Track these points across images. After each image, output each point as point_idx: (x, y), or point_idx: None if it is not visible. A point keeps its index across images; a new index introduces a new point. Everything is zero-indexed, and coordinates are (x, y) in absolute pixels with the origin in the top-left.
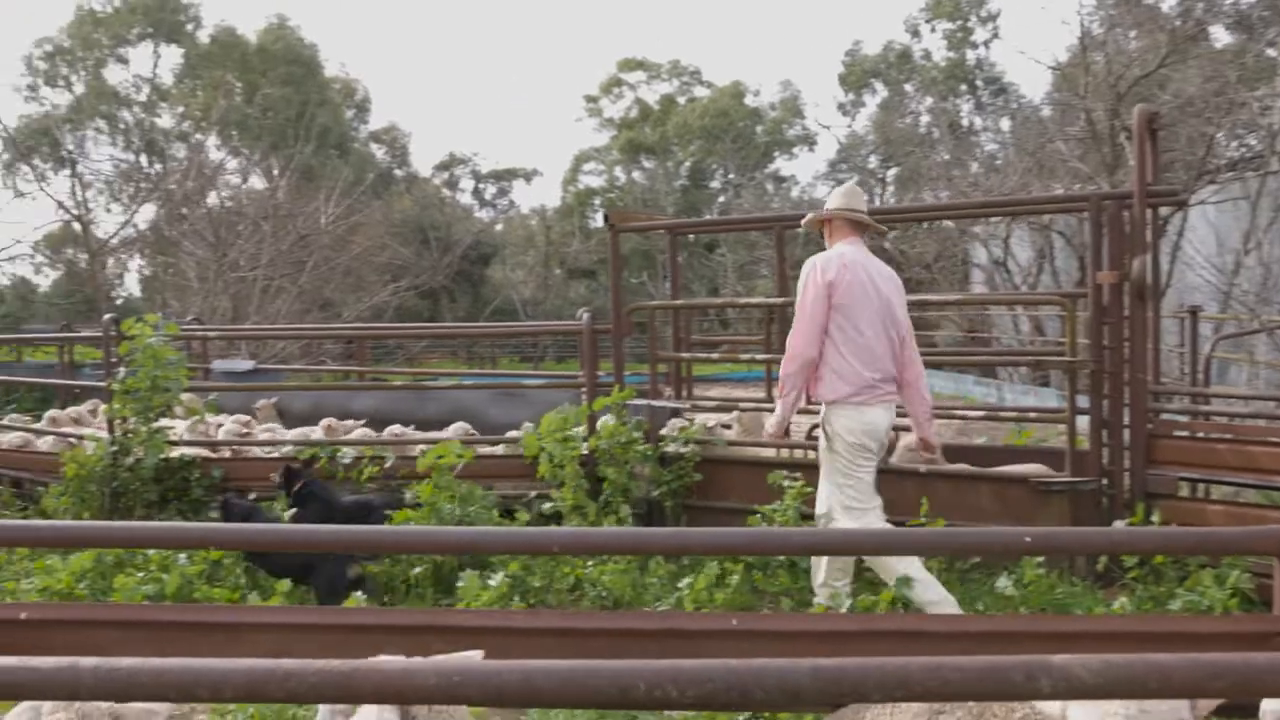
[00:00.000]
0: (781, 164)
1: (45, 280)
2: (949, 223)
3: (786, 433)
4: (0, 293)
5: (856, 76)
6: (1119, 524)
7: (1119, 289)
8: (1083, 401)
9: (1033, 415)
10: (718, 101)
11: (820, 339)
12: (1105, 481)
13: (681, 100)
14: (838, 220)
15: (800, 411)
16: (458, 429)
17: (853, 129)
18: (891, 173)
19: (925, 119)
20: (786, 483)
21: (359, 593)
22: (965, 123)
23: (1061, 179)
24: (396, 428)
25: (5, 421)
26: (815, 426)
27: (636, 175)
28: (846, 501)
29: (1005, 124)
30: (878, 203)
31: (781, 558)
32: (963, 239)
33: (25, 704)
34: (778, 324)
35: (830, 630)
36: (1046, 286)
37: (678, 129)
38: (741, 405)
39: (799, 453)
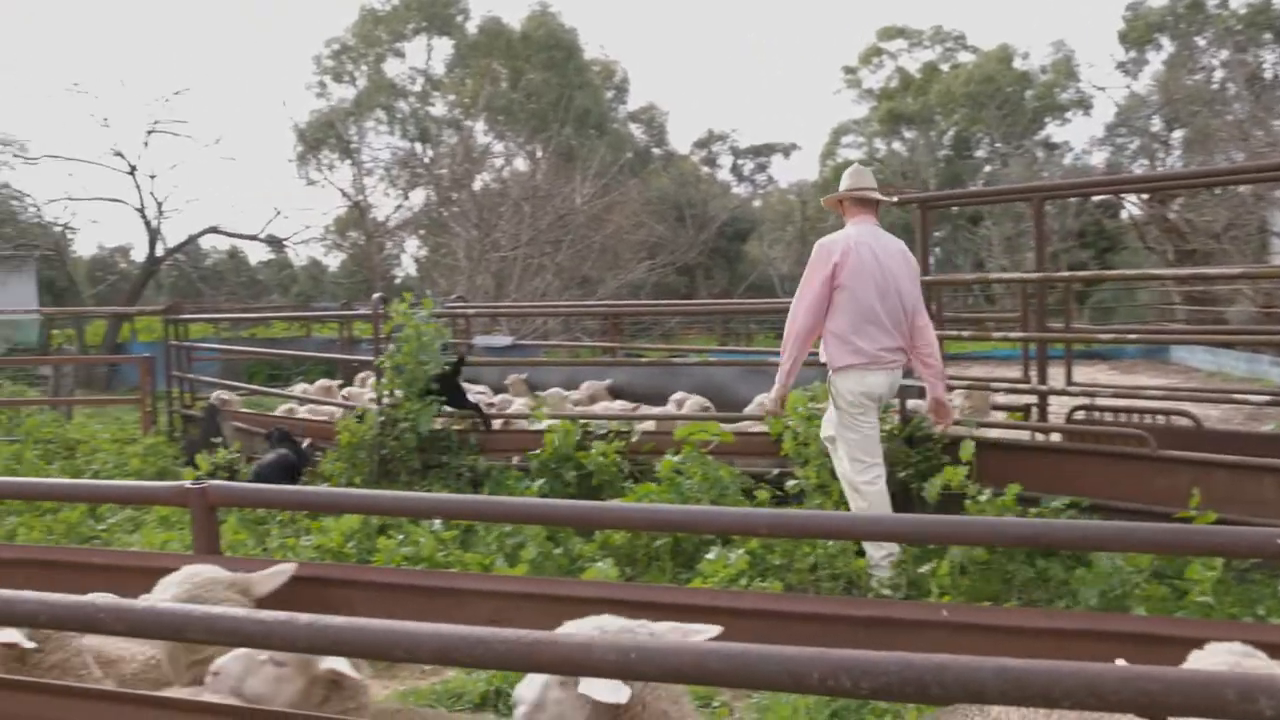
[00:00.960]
0: (1052, 130)
1: (333, 261)
2: (1243, 188)
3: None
4: (295, 273)
5: (1139, 32)
6: None
7: None
8: None
9: None
10: (983, 67)
11: (819, 313)
12: None
13: (944, 67)
14: (849, 201)
15: (1059, 393)
16: (694, 404)
17: (1132, 89)
18: (1177, 135)
19: (1219, 74)
20: None
21: None
22: (1269, 75)
23: None
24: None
25: (289, 391)
26: (1076, 409)
27: (897, 146)
28: (853, 453)
29: None
30: (1160, 168)
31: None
32: (1259, 205)
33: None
34: (1035, 300)
35: (1049, 628)
36: None
37: (940, 97)
38: (975, 384)
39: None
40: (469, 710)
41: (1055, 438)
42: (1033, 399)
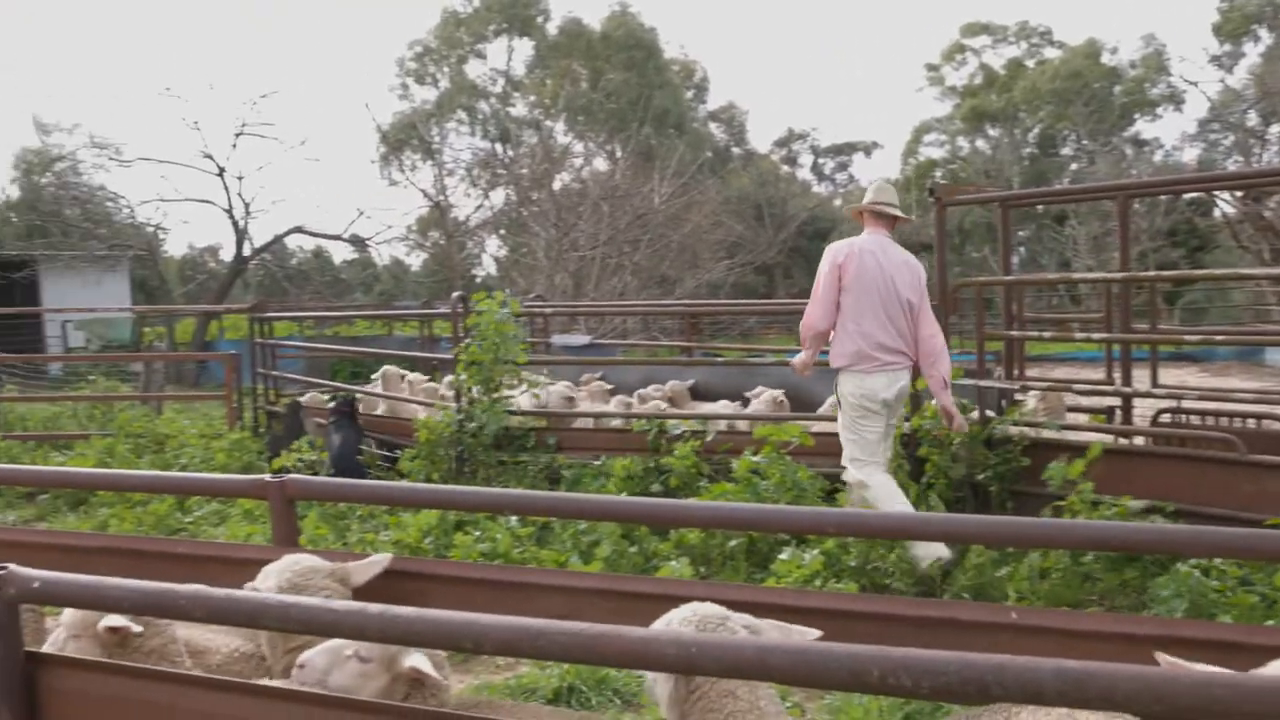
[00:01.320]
0: (1142, 127)
1: (415, 261)
2: None
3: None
4: (378, 272)
5: (1235, 24)
6: None
7: None
8: None
9: None
10: (1070, 62)
11: (830, 314)
12: None
13: (1030, 63)
14: (868, 213)
15: (1142, 395)
16: (768, 398)
17: (1226, 83)
18: (1275, 130)
19: None
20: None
21: None
22: None
23: None
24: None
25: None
26: (1161, 412)
27: (980, 144)
28: (853, 453)
29: None
30: (1256, 164)
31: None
32: None
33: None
34: (1119, 300)
35: (1119, 633)
36: None
37: (1025, 94)
38: (1055, 385)
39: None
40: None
41: (1139, 441)
42: (1115, 401)
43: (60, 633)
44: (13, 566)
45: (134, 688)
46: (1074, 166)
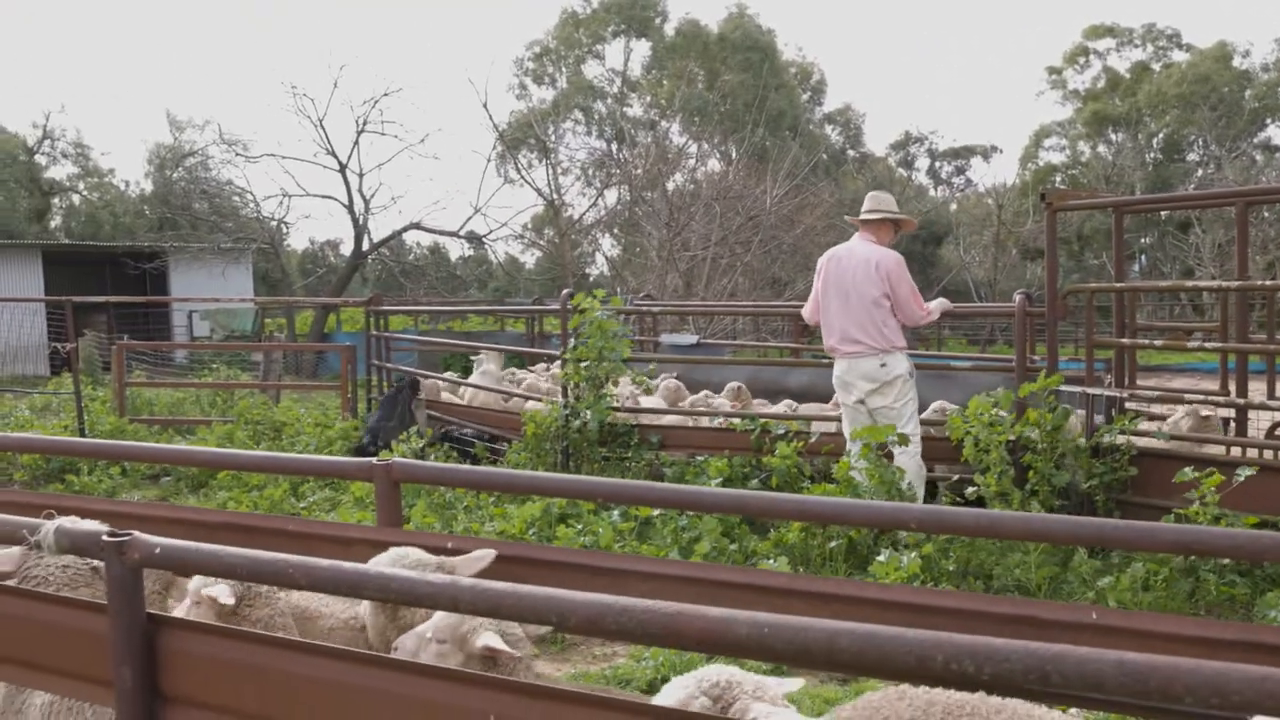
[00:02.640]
0: (1273, 132)
1: (530, 259)
2: None
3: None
4: (493, 269)
5: None
6: None
7: None
8: None
9: None
10: (1198, 66)
11: (814, 308)
12: None
13: (1156, 67)
14: (860, 221)
15: (1258, 407)
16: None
17: None
18: None
19: None
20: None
21: None
22: None
23: None
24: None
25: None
26: (1277, 425)
27: (1102, 149)
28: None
29: None
30: None
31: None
32: None
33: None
34: (1236, 310)
35: (1201, 637)
36: None
37: (1150, 98)
38: (1187, 397)
39: (1237, 450)
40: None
41: (1252, 453)
42: (1229, 412)
43: (185, 601)
44: (136, 533)
45: (245, 651)
46: (1200, 173)
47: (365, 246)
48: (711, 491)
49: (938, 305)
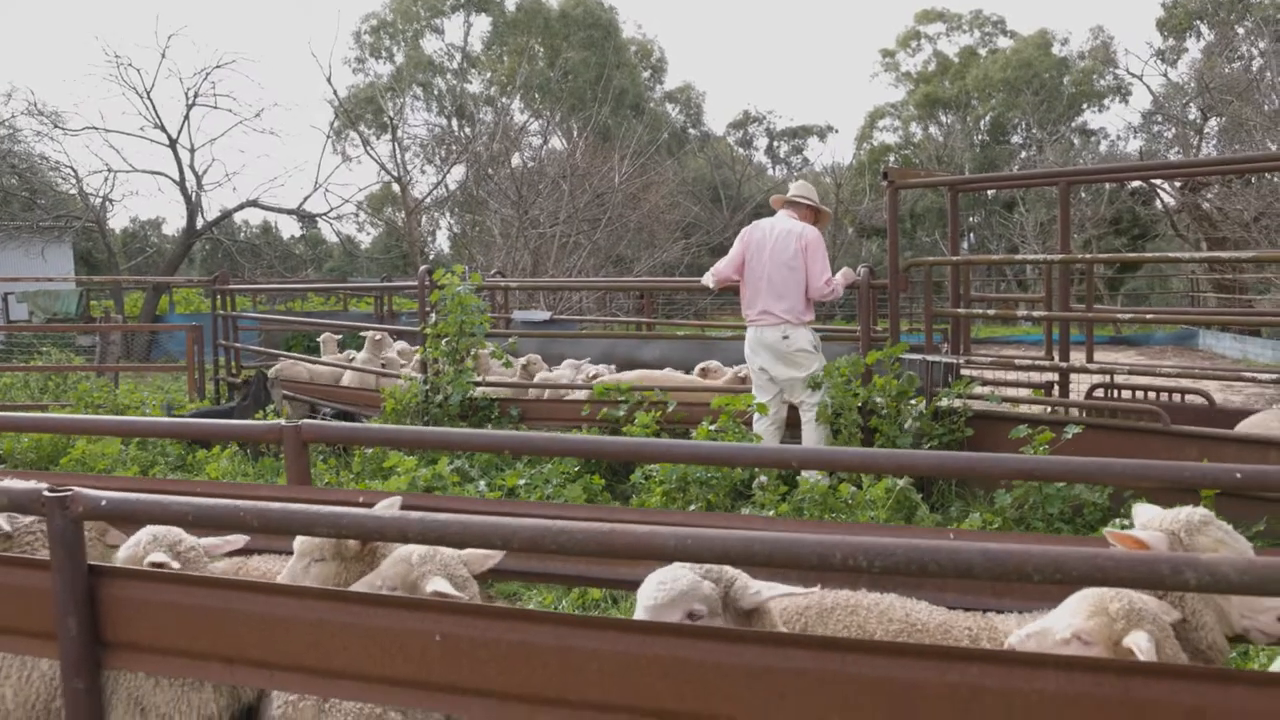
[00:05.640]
0: (1089, 117)
1: (367, 238)
2: (1276, 176)
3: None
4: (330, 249)
5: (1179, 19)
6: None
7: None
8: None
9: None
10: (1021, 52)
11: (732, 271)
12: None
13: (983, 52)
14: (786, 201)
15: (1078, 370)
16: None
17: (1169, 77)
18: (1213, 124)
19: (1258, 63)
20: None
21: None
22: None
23: None
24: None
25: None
26: (1095, 388)
27: (933, 130)
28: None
29: None
30: (1197, 155)
31: None
32: None
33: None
34: (1058, 283)
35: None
36: None
37: (977, 82)
38: (1017, 362)
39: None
40: None
41: (1073, 414)
42: (1053, 376)
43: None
44: (77, 488)
45: (185, 593)
46: (1023, 154)
47: (199, 225)
48: (627, 441)
49: (841, 277)
